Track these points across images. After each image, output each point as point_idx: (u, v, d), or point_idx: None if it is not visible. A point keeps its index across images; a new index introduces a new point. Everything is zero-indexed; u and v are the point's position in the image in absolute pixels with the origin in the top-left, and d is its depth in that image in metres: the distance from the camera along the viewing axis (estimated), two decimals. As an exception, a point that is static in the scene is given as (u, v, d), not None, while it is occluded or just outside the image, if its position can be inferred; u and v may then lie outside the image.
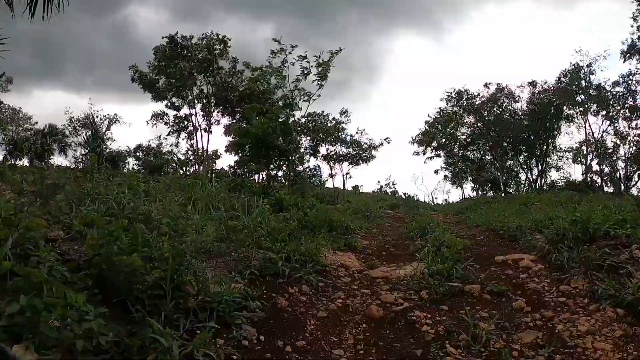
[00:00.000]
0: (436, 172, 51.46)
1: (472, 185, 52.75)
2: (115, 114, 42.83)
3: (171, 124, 39.93)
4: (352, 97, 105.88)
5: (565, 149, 48.96)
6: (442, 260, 9.26)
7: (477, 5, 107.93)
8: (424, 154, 49.12)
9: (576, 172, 61.26)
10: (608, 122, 41.38)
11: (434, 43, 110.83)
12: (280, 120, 22.78)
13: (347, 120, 30.10)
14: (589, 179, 41.49)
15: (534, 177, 50.37)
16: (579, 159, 45.57)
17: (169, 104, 38.05)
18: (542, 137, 48.92)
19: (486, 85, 48.37)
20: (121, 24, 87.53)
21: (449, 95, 47.54)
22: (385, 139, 30.03)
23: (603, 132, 42.03)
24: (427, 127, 48.42)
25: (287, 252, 8.26)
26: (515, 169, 51.85)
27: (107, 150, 39.17)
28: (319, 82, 22.50)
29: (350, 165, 29.99)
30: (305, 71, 22.59)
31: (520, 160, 51.67)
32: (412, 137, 48.62)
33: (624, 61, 36.67)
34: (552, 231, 11.09)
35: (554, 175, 50.89)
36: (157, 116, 40.02)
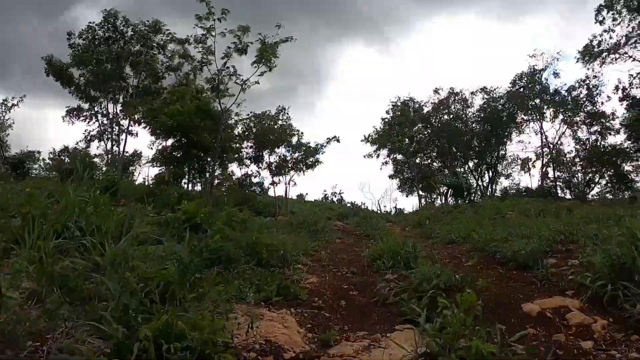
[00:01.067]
0: (391, 177, 47.84)
1: (421, 193, 49.67)
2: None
3: (89, 122, 33.93)
4: (299, 105, 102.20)
5: (514, 157, 46.86)
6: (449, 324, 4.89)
7: (423, 17, 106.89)
8: (377, 156, 44.97)
9: (526, 180, 59.77)
10: (565, 127, 39.10)
11: (381, 54, 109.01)
12: (200, 103, 17.82)
13: (287, 119, 25.69)
14: (545, 185, 38.95)
15: (485, 184, 47.91)
16: (527, 167, 43.28)
17: (83, 96, 32.02)
18: (493, 143, 46.41)
19: (436, 90, 45.41)
20: (69, 26, 79.36)
21: (394, 105, 44.27)
22: (333, 138, 25.71)
23: (559, 137, 39.69)
24: (382, 126, 44.35)
25: (146, 338, 3.66)
26: (464, 176, 49.18)
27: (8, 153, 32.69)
28: (259, 64, 17.75)
29: (295, 172, 25.58)
30: (240, 45, 17.79)
31: (471, 167, 49.05)
32: (364, 136, 44.09)
33: (584, 63, 34.38)
34: (600, 259, 7.09)
35: (504, 182, 48.76)
36: (73, 112, 34.00)
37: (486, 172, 47.64)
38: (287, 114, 25.60)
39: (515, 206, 21.19)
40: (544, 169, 39.70)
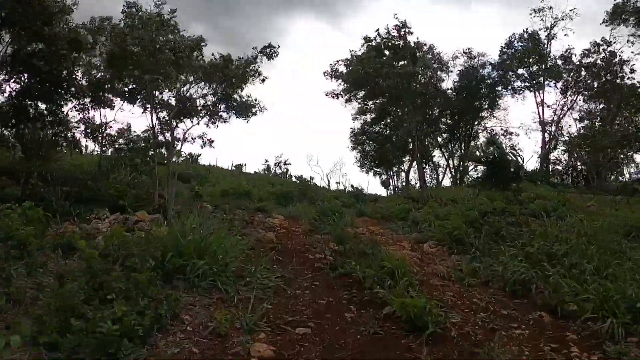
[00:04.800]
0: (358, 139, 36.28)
1: (376, 169, 39.22)
2: None
3: None
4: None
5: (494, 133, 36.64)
6: None
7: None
8: (346, 100, 32.72)
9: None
10: (572, 98, 29.46)
11: (332, 26, 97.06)
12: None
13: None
14: (544, 168, 29.30)
15: (455, 164, 37.92)
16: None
17: None
18: (468, 116, 36.15)
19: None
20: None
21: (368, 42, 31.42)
22: (269, 47, 13.42)
23: (563, 112, 30.04)
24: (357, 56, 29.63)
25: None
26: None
27: None
28: None
29: (210, 120, 13.56)
30: None
31: (439, 142, 38.78)
32: (331, 68, 30.60)
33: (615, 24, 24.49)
34: None
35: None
36: None
37: (458, 149, 37.63)
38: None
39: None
40: (544, 151, 29.93)
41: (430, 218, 10.96)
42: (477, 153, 15.18)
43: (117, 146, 16.80)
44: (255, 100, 13.84)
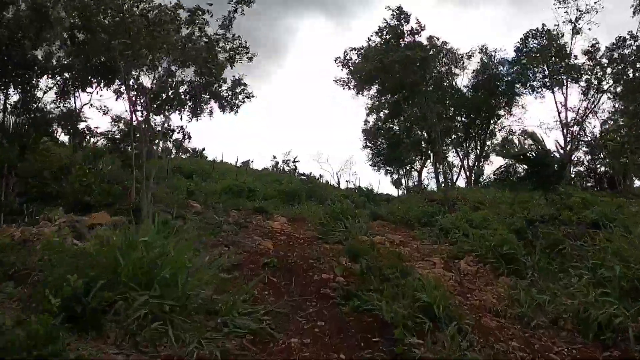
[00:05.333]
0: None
1: (387, 167, 37.01)
2: None
3: None
4: (256, 74, 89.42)
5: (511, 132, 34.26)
6: None
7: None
8: (358, 90, 29.97)
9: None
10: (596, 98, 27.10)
11: (342, 28, 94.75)
12: None
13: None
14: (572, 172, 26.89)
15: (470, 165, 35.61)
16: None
17: None
18: (484, 114, 33.82)
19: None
20: None
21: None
22: None
23: (587, 111, 27.65)
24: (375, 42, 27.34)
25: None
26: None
27: None
28: None
29: (195, 111, 11.33)
30: None
31: (454, 140, 36.42)
32: (345, 54, 28.54)
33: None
34: None
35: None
36: None
37: (473, 149, 35.33)
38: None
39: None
40: (567, 151, 27.54)
41: (463, 225, 8.87)
42: (513, 149, 12.97)
43: (99, 137, 14.63)
44: (242, 79, 11.81)
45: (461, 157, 35.59)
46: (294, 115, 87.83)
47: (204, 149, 49.72)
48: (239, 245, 7.16)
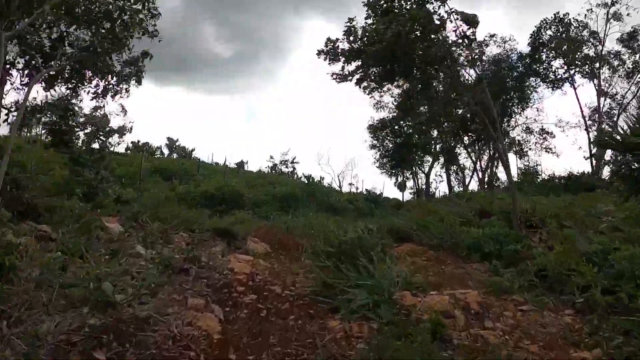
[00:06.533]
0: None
1: (392, 170, 32.74)
2: None
3: None
4: (258, 72, 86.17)
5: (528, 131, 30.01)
6: None
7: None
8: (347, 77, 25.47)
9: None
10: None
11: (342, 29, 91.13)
12: None
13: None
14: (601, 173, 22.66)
15: (483, 166, 31.40)
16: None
17: None
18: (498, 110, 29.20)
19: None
20: None
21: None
22: None
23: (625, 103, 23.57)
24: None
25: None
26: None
27: None
28: None
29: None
30: None
31: (465, 141, 32.20)
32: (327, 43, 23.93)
33: None
34: None
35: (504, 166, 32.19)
36: None
37: (486, 149, 31.03)
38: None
39: None
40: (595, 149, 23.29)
41: (589, 271, 4.60)
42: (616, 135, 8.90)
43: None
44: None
45: (473, 159, 31.47)
46: (295, 115, 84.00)
47: (193, 149, 45.13)
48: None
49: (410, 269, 5.78)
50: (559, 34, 24.79)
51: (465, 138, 31.58)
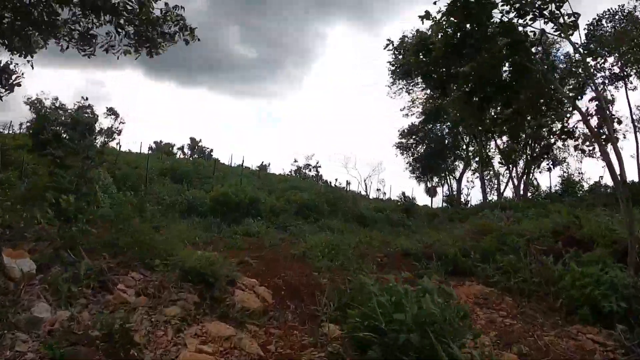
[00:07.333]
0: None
1: (421, 175, 30.20)
2: None
3: None
4: (283, 78, 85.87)
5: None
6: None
7: (410, 3, 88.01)
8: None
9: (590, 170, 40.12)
10: None
11: (368, 34, 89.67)
12: None
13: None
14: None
15: (519, 173, 28.63)
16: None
17: None
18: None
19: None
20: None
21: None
22: None
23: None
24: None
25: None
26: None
27: None
28: None
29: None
30: None
31: (499, 145, 29.49)
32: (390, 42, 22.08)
33: None
34: None
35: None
36: None
37: (523, 154, 28.09)
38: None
39: None
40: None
41: None
42: None
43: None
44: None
45: (509, 165, 28.61)
46: (322, 120, 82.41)
47: (212, 150, 43.43)
48: None
49: (492, 339, 3.47)
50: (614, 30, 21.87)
51: (499, 142, 29.13)
